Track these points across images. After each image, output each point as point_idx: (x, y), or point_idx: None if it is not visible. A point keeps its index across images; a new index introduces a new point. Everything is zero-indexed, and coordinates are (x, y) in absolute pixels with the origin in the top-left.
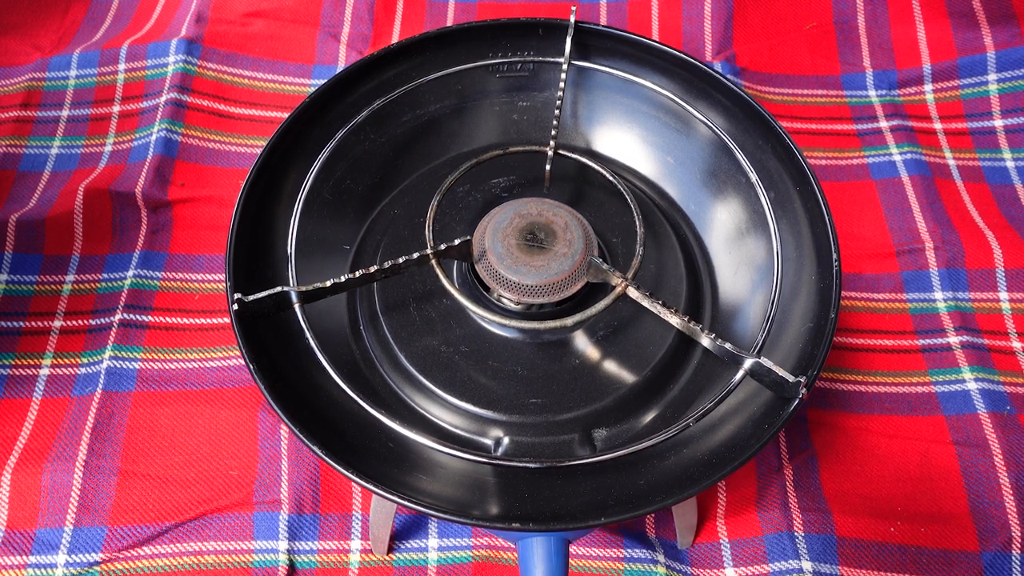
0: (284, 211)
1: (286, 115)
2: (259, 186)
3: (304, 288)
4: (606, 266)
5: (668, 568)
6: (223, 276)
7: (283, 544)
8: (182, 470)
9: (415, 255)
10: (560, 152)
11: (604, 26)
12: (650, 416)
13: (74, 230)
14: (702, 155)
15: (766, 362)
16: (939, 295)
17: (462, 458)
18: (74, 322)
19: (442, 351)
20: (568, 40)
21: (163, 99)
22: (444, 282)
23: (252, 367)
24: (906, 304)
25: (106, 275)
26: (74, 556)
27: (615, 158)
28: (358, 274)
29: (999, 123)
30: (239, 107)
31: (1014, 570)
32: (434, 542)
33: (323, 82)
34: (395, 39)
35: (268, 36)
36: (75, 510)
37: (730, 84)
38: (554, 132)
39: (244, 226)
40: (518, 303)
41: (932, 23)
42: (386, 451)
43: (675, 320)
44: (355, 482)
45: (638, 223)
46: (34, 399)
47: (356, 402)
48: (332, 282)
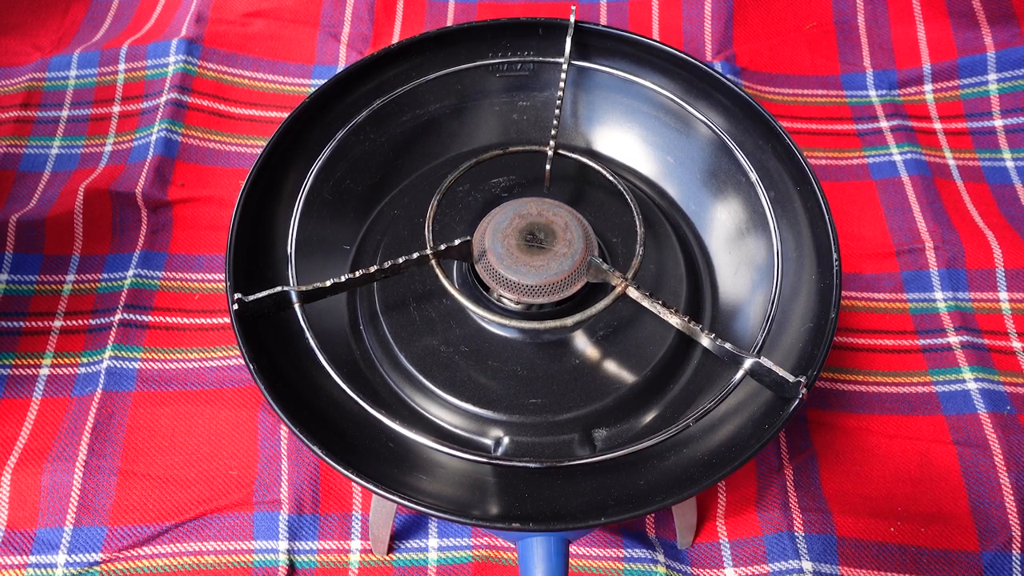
0: (284, 211)
1: (286, 115)
2: (259, 186)
3: (304, 288)
4: (606, 266)
5: (668, 568)
6: (223, 276)
7: (283, 544)
8: (182, 470)
9: (415, 255)
10: (560, 152)
11: (604, 26)
12: (650, 416)
13: (74, 230)
14: (702, 155)
15: (766, 362)
16: (939, 295)
17: (462, 458)
18: (74, 322)
19: (442, 351)
20: (568, 40)
21: (163, 99)
22: (444, 282)
23: (252, 367)
24: (906, 304)
25: (106, 275)
26: (74, 556)
27: (615, 158)
28: (358, 274)
29: (999, 123)
30: (239, 107)
31: (1014, 570)
32: (434, 542)
33: (323, 82)
34: (395, 39)
35: (268, 36)
36: (75, 510)
37: (730, 84)
38: (554, 132)
39: (244, 226)
40: (518, 303)
41: (932, 23)
42: (386, 451)
43: (675, 320)
44: (355, 482)
45: (638, 223)
46: (34, 399)
47: (356, 402)
48: (332, 282)
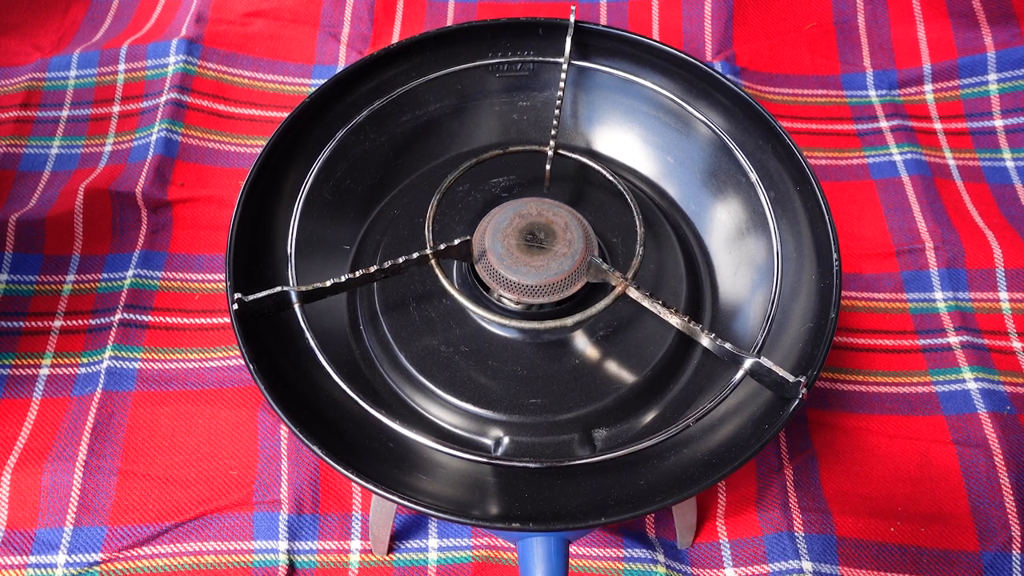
0: (284, 211)
1: (286, 115)
2: (259, 186)
3: (304, 288)
4: (606, 266)
5: (668, 568)
6: (223, 276)
7: (283, 544)
8: (182, 470)
9: (415, 255)
10: (560, 152)
11: (604, 26)
12: (650, 416)
13: (74, 230)
14: (702, 155)
15: (766, 362)
16: (939, 295)
17: (462, 458)
18: (74, 322)
19: (442, 351)
20: (568, 40)
21: (163, 99)
22: (444, 282)
23: (252, 367)
24: (906, 304)
25: (106, 275)
26: (74, 556)
27: (615, 158)
28: (358, 274)
29: (999, 123)
30: (239, 107)
31: (1014, 570)
32: (434, 542)
33: (323, 82)
34: (395, 39)
35: (268, 36)
36: (75, 510)
37: (730, 84)
38: (554, 132)
39: (244, 226)
40: (518, 303)
41: (932, 23)
42: (386, 451)
43: (675, 320)
44: (355, 482)
45: (638, 223)
46: (34, 399)
47: (356, 402)
48: (332, 282)
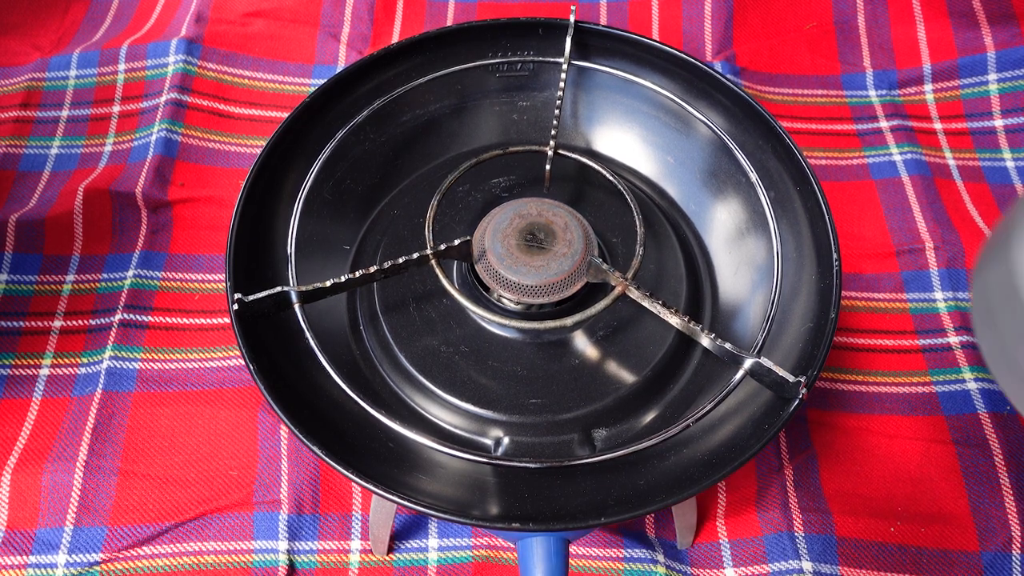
0: (284, 211)
1: (286, 115)
2: (259, 186)
3: (304, 288)
4: (606, 266)
5: (668, 568)
6: (223, 276)
7: (283, 544)
8: (182, 470)
9: (415, 255)
10: (560, 152)
11: (604, 26)
12: (650, 416)
13: (74, 230)
14: (702, 155)
15: (766, 362)
16: (939, 295)
17: (462, 458)
18: (74, 322)
19: (442, 351)
20: (568, 40)
21: (163, 99)
22: (444, 282)
23: (252, 367)
24: (906, 304)
25: (106, 275)
26: (74, 556)
27: (615, 158)
28: (358, 274)
29: (999, 123)
30: (239, 107)
31: (1014, 570)
32: (434, 542)
33: (323, 82)
34: (395, 39)
35: (268, 36)
36: (75, 510)
37: (730, 84)
38: (554, 132)
39: (244, 226)
40: (518, 303)
41: (932, 23)
42: (386, 451)
43: (675, 320)
44: (355, 482)
45: (638, 223)
46: (34, 399)
47: (356, 402)
48: (332, 282)
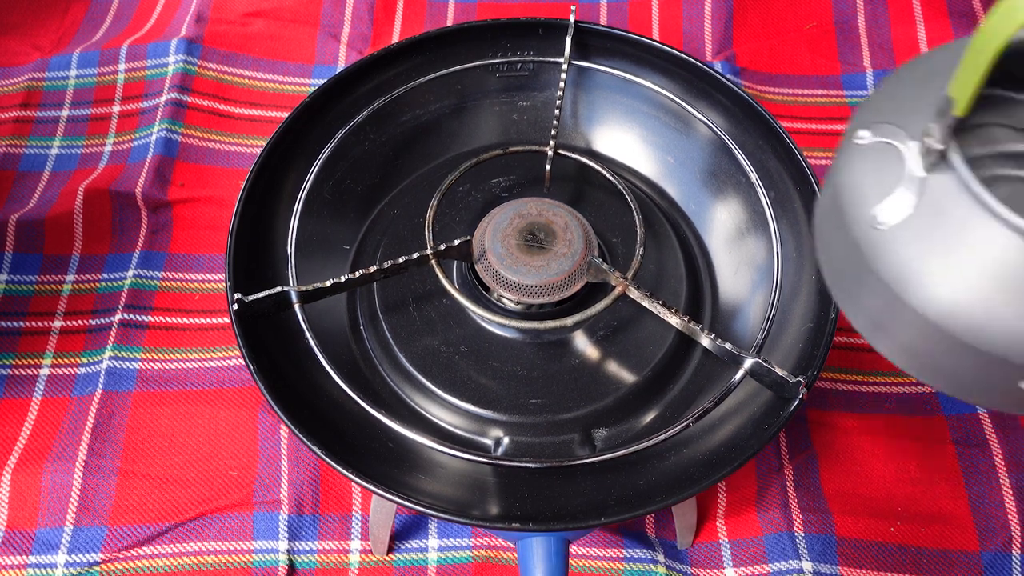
0: (284, 211)
1: (286, 115)
2: (259, 186)
3: (304, 288)
4: (606, 266)
5: (668, 568)
6: (223, 276)
7: (283, 544)
8: (182, 470)
9: (415, 255)
10: (560, 152)
11: (604, 26)
12: (650, 416)
13: (74, 230)
14: (702, 155)
15: (766, 362)
16: None
17: (462, 458)
18: (74, 322)
19: (442, 351)
20: (568, 40)
21: (163, 99)
22: (444, 282)
23: (252, 367)
24: None
25: (106, 275)
26: (74, 556)
27: (615, 158)
28: (358, 274)
29: None
30: (239, 107)
31: (1014, 570)
32: (434, 542)
33: (323, 82)
34: (395, 39)
35: (268, 36)
36: (75, 510)
37: (730, 84)
38: (554, 132)
39: (244, 226)
40: (518, 303)
41: (932, 23)
42: (386, 451)
43: (675, 320)
44: (355, 482)
45: (638, 223)
46: (34, 399)
47: (356, 402)
48: (332, 282)
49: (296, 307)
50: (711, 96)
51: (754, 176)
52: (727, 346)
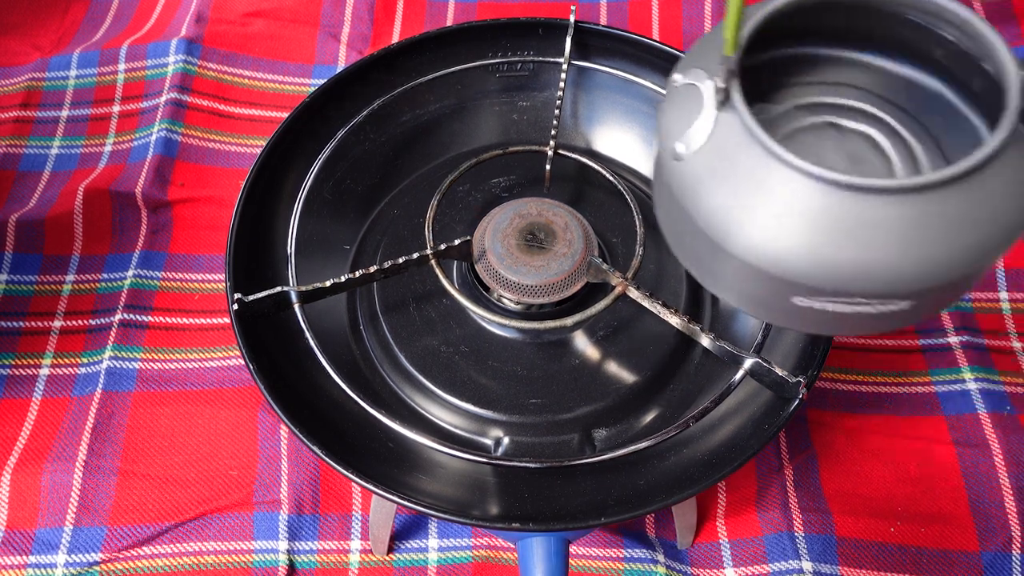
0: (284, 211)
1: (286, 115)
2: (259, 186)
3: (304, 288)
4: (606, 266)
5: (668, 568)
6: (223, 276)
7: (283, 544)
8: (182, 470)
9: (415, 255)
10: (560, 152)
11: (604, 26)
12: (650, 416)
13: (74, 230)
14: None
15: (766, 362)
16: None
17: (462, 458)
18: (74, 322)
19: (442, 351)
20: (568, 40)
21: (163, 99)
22: (444, 282)
23: (252, 367)
24: None
25: (106, 275)
26: (74, 556)
27: (615, 158)
28: (358, 274)
29: None
30: (239, 107)
31: (1014, 570)
32: (434, 542)
33: (323, 82)
34: (395, 39)
35: (268, 36)
36: (75, 510)
37: None
38: (554, 132)
39: (244, 226)
40: (518, 303)
41: None
42: (386, 451)
43: (675, 320)
44: (355, 482)
45: (638, 223)
46: (34, 399)
47: (356, 402)
48: (332, 282)
49: (296, 307)
50: None
51: None
52: (727, 346)
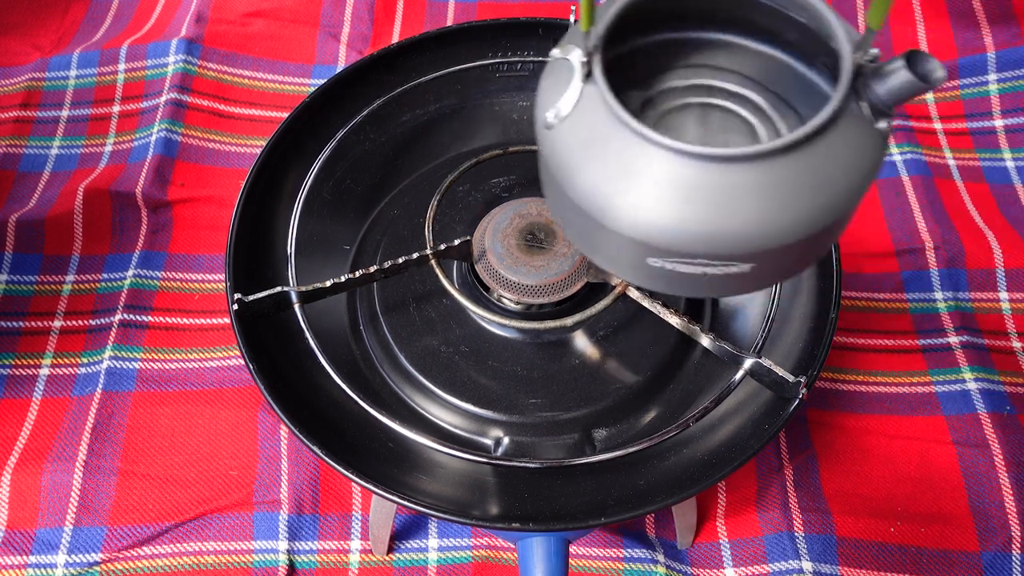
0: (284, 211)
1: (286, 115)
2: (259, 186)
3: (304, 288)
4: None
5: (668, 568)
6: (223, 276)
7: (283, 544)
8: (182, 470)
9: (415, 255)
10: None
11: None
12: (650, 416)
13: (74, 230)
14: None
15: (766, 362)
16: (939, 295)
17: (462, 458)
18: (74, 322)
19: (442, 351)
20: None
21: (163, 99)
22: (444, 282)
23: (252, 367)
24: (906, 304)
25: (106, 275)
26: (74, 556)
27: None
28: (358, 274)
29: (999, 123)
30: (239, 107)
31: (1014, 570)
32: (434, 542)
33: (323, 82)
34: (395, 39)
35: (268, 36)
36: (75, 510)
37: None
38: None
39: (244, 226)
40: (518, 303)
41: (932, 23)
42: (386, 451)
43: (675, 320)
44: (355, 482)
45: None
46: (34, 399)
47: (356, 402)
48: (332, 282)
49: (296, 307)
50: None
51: None
52: (727, 346)
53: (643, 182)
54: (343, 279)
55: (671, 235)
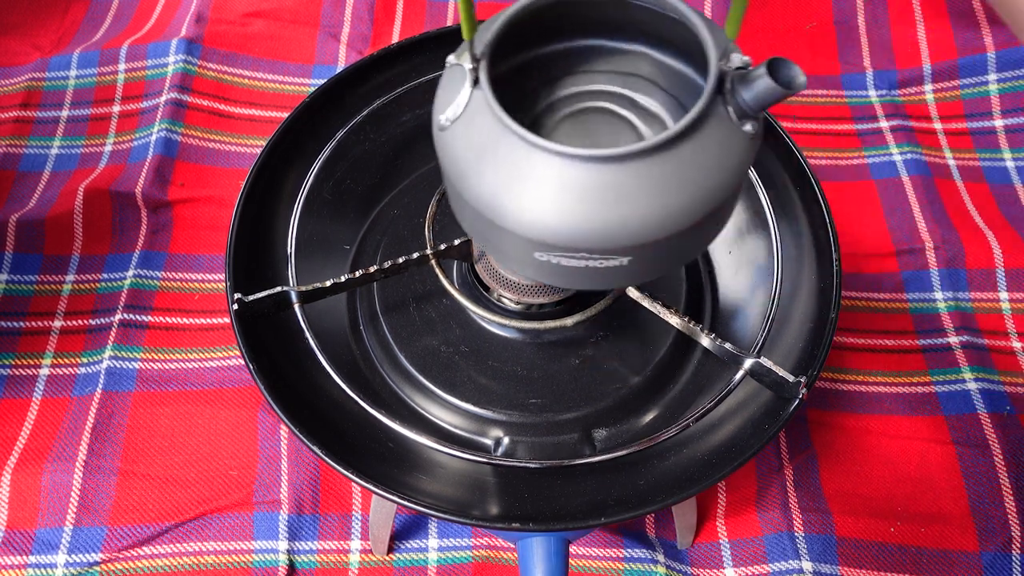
0: (284, 211)
1: (286, 115)
2: (259, 186)
3: (304, 288)
4: None
5: (668, 568)
6: (223, 276)
7: (283, 544)
8: (182, 470)
9: (415, 255)
10: None
11: None
12: (650, 416)
13: (74, 230)
14: None
15: (766, 362)
16: (939, 295)
17: (462, 458)
18: (74, 322)
19: (442, 351)
20: None
21: (163, 99)
22: (444, 282)
23: (252, 367)
24: (906, 304)
25: (106, 275)
26: (74, 556)
27: None
28: (358, 274)
29: (999, 123)
30: (239, 107)
31: (1014, 570)
32: (434, 542)
33: (323, 82)
34: (395, 39)
35: (268, 36)
36: (75, 510)
37: None
38: None
39: (244, 226)
40: (518, 303)
41: (932, 23)
42: (386, 451)
43: (675, 320)
44: (355, 482)
45: None
46: (34, 399)
47: (356, 402)
48: (332, 282)
49: (296, 307)
50: None
51: (754, 176)
52: (727, 346)
53: (529, 183)
54: (343, 279)
55: (555, 231)
